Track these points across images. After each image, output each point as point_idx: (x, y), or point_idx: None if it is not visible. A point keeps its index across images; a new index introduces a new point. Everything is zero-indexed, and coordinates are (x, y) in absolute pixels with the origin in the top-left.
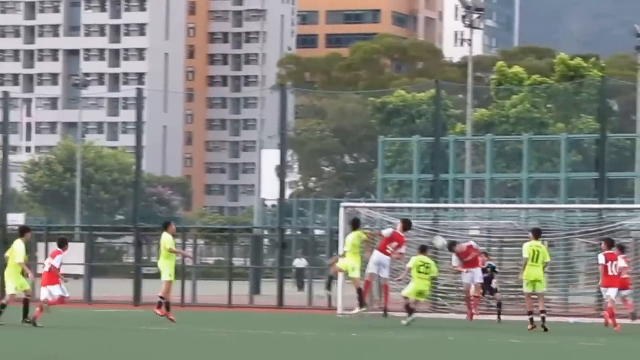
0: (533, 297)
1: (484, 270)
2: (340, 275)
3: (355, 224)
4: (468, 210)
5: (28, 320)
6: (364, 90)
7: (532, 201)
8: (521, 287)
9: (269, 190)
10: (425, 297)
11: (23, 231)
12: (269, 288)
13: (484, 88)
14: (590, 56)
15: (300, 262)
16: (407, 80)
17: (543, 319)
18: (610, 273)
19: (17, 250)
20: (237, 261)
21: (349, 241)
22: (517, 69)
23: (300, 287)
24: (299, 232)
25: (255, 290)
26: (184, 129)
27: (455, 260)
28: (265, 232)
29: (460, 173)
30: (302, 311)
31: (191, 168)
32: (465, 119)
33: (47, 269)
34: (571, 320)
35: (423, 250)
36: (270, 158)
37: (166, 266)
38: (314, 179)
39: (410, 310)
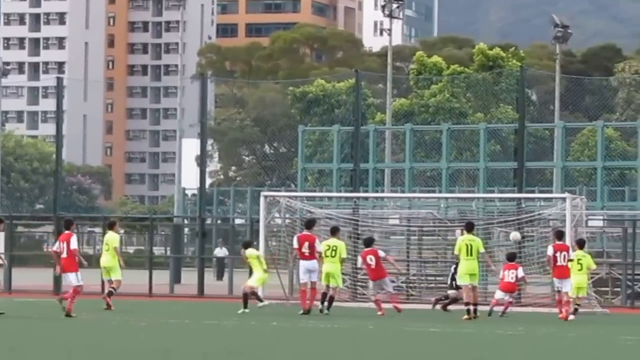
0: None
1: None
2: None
3: (333, 231)
4: (388, 199)
5: None
6: (284, 80)
7: (452, 190)
8: (440, 276)
9: (189, 179)
10: (336, 279)
11: None
12: (189, 277)
13: (404, 77)
14: (509, 46)
15: (220, 251)
16: (326, 69)
17: (475, 310)
18: (559, 263)
19: None
20: (158, 250)
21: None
22: (436, 58)
23: (220, 276)
24: (219, 221)
25: (176, 279)
26: (103, 118)
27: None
28: (186, 221)
29: (380, 162)
30: (222, 300)
31: (111, 157)
32: (384, 108)
33: (65, 254)
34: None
35: (333, 232)
36: (190, 147)
37: (117, 264)
38: (234, 168)
39: (324, 297)
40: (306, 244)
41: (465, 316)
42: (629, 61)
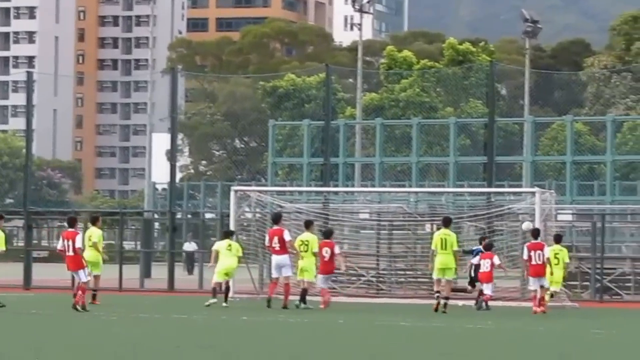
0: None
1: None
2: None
3: (307, 225)
4: (358, 194)
5: None
6: (254, 74)
7: (421, 184)
8: (410, 270)
9: (160, 173)
10: (310, 274)
11: None
12: (159, 271)
13: (374, 72)
14: (479, 40)
15: (189, 246)
16: (297, 64)
17: (445, 305)
18: (534, 262)
19: None
20: (128, 244)
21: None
22: (406, 53)
23: (190, 270)
24: (189, 216)
25: (146, 273)
26: (74, 112)
27: None
28: (156, 216)
29: (350, 157)
30: (192, 294)
31: (81, 151)
32: (355, 103)
33: (71, 252)
34: (459, 302)
35: (307, 226)
36: (160, 141)
37: (99, 259)
38: (204, 162)
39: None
40: (275, 238)
41: (434, 305)
42: (598, 56)
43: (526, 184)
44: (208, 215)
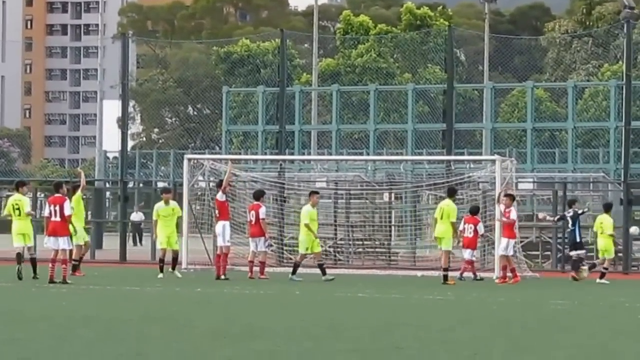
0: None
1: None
2: (185, 230)
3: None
4: (314, 162)
5: None
6: (207, 40)
7: (379, 152)
8: (369, 240)
9: (111, 141)
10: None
11: None
12: (110, 242)
13: (330, 37)
14: (437, 5)
15: (136, 216)
16: (251, 29)
17: (445, 276)
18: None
19: None
20: None
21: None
22: (363, 17)
23: (136, 241)
24: (141, 185)
25: (97, 244)
26: (22, 79)
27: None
28: (107, 185)
29: (306, 124)
30: (145, 266)
31: (30, 119)
32: (310, 69)
33: (58, 217)
34: (418, 273)
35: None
36: (111, 109)
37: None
38: (156, 130)
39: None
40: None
41: (452, 281)
42: (559, 21)
43: (486, 151)
44: (160, 184)
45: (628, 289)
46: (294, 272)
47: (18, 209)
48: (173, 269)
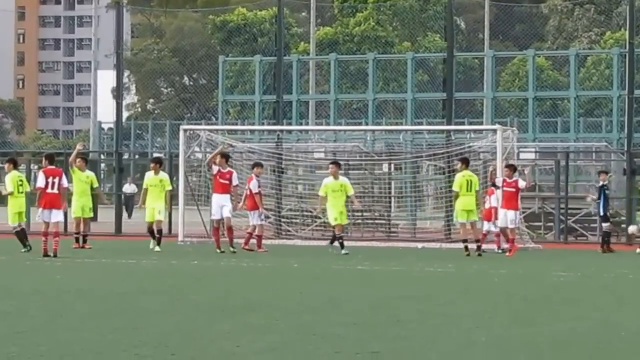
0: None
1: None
2: (181, 202)
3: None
4: (312, 132)
5: None
6: (203, 8)
7: (378, 122)
8: (368, 211)
9: (105, 112)
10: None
11: None
12: (106, 215)
13: (328, 5)
14: None
15: (129, 188)
16: None
17: (479, 247)
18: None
19: None
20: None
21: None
22: None
23: (130, 214)
24: (136, 156)
25: (92, 216)
26: (15, 49)
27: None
28: (102, 156)
29: (304, 94)
30: (140, 238)
31: (23, 90)
32: (308, 38)
33: (55, 190)
34: (419, 245)
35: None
36: (106, 79)
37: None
38: (152, 100)
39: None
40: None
41: (466, 252)
42: None
43: (487, 121)
44: (156, 156)
45: (632, 260)
46: (342, 246)
47: (21, 184)
48: (157, 242)
